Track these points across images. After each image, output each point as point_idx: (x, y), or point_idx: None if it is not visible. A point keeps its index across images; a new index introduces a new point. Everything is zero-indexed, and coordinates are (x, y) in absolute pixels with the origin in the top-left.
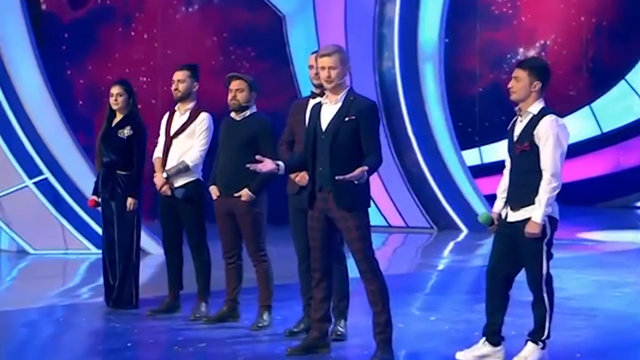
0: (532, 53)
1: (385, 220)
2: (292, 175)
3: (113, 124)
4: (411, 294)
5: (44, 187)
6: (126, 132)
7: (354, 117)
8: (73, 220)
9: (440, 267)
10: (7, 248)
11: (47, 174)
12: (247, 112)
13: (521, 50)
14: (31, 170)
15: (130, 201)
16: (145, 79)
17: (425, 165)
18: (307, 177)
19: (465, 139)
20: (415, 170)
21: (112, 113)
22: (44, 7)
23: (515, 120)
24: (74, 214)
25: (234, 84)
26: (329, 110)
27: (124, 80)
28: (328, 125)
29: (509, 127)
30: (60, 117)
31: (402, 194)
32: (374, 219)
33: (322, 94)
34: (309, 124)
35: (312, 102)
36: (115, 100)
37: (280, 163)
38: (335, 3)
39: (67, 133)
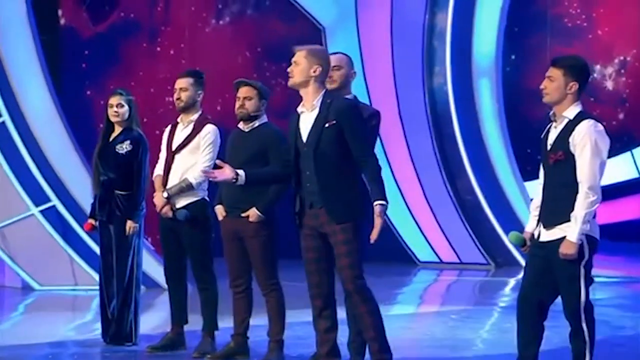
0: (609, 70)
1: (436, 255)
2: None
3: (111, 139)
4: (454, 331)
5: (51, 215)
6: (125, 147)
7: (334, 122)
8: (83, 253)
9: (501, 304)
10: (11, 284)
11: (54, 201)
12: (256, 123)
13: (597, 67)
14: (37, 197)
15: (129, 224)
16: (171, 98)
17: (481, 193)
18: None
19: (535, 167)
20: (470, 199)
21: (110, 126)
22: (62, 21)
23: (550, 127)
24: (84, 246)
25: (242, 91)
26: (307, 118)
27: (125, 89)
28: (308, 135)
29: (542, 135)
30: (70, 139)
31: (455, 226)
32: (423, 253)
33: None
34: (289, 137)
35: None
36: (116, 112)
37: (241, 172)
38: (379, 12)
39: (76, 156)
